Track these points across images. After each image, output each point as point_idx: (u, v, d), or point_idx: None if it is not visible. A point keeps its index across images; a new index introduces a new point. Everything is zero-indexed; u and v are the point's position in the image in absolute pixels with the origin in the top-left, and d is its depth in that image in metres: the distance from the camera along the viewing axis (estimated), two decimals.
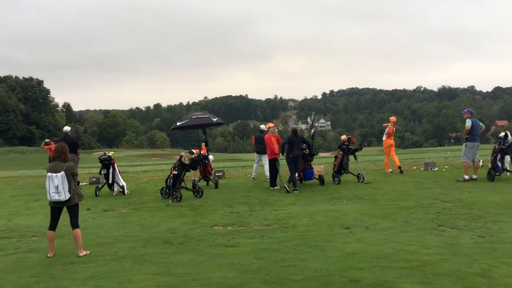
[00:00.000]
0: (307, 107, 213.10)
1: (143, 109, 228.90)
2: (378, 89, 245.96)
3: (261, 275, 5.49)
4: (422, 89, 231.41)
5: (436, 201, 10.22)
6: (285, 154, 12.80)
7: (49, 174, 6.67)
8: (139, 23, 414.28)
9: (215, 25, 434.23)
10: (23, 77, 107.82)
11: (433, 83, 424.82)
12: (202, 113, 14.98)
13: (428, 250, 6.32)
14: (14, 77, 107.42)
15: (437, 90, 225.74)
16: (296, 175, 12.85)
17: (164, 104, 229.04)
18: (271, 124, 13.89)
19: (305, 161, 13.28)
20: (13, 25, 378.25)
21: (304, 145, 13.23)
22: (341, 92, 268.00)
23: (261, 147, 14.58)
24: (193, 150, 12.13)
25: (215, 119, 14.16)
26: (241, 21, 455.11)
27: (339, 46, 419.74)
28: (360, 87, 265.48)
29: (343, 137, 14.30)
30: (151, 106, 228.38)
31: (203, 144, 14.30)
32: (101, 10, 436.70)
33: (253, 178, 15.57)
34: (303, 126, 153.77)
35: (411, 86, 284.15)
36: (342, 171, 13.84)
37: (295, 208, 10.03)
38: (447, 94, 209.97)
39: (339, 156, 13.98)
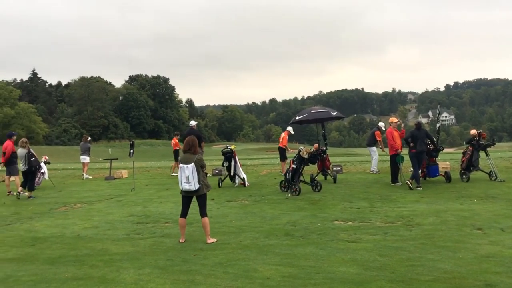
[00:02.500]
0: (428, 100, 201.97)
1: (259, 104, 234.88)
2: (510, 79, 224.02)
3: (386, 273, 5.34)
4: None
5: None
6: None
7: (181, 165, 7.13)
8: (250, 21, 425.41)
9: (326, 18, 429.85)
10: (151, 76, 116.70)
11: None
12: (321, 107, 14.94)
13: None
14: (144, 75, 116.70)
15: None
16: (420, 171, 12.27)
17: (279, 99, 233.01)
18: (394, 119, 13.37)
19: (429, 157, 12.61)
20: (138, 28, 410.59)
21: (428, 140, 12.55)
22: (467, 84, 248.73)
23: (369, 140, 16.05)
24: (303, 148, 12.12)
25: (334, 113, 14.03)
26: (351, 13, 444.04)
27: (459, 34, 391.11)
28: (489, 77, 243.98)
29: (473, 131, 13.27)
30: (267, 101, 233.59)
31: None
32: (214, 9, 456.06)
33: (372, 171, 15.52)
34: (424, 120, 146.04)
35: None
36: (472, 168, 12.87)
37: (419, 205, 9.58)
38: None
39: (468, 152, 13.02)
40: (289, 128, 16.56)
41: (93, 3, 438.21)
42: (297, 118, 14.26)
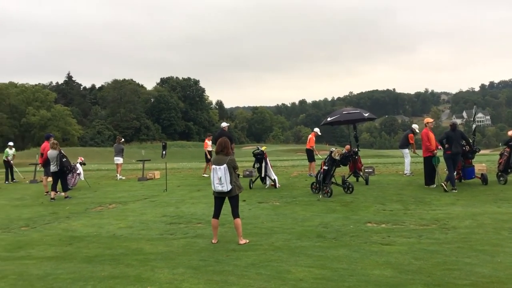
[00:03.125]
0: (462, 100, 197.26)
1: (289, 105, 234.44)
2: None
3: (422, 276, 5.25)
4: None
5: None
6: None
7: (214, 166, 7.18)
8: (276, 22, 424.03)
9: (355, 19, 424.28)
10: (182, 78, 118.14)
11: None
12: (353, 108, 14.76)
13: None
14: (175, 78, 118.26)
15: None
16: (455, 173, 12.00)
17: (309, 100, 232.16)
18: (430, 119, 13.08)
19: (465, 159, 12.32)
20: (168, 30, 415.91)
21: (464, 141, 12.26)
22: (503, 83, 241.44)
23: (402, 142, 15.77)
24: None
25: (366, 114, 13.83)
26: (380, 12, 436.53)
27: (494, 33, 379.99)
28: None
29: (511, 132, 12.89)
30: (296, 102, 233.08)
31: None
32: (242, 11, 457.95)
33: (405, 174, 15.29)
34: (458, 121, 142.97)
35: None
36: (509, 170, 12.50)
37: (454, 208, 9.37)
38: None
39: (505, 153, 12.65)
40: (316, 129, 16.54)
41: (123, 7, 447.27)
42: (329, 119, 14.14)
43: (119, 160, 19.33)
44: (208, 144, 18.56)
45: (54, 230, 8.91)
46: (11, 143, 21.14)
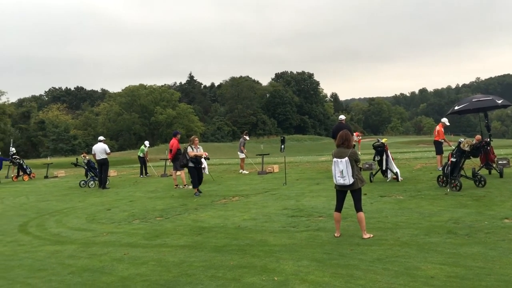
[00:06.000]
0: None
1: (408, 94, 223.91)
2: None
3: None
4: None
5: None
6: None
7: (335, 159, 7.12)
8: (387, 10, 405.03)
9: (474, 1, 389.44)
10: (296, 72, 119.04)
11: None
12: (484, 96, 13.52)
13: None
14: (289, 72, 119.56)
15: None
16: None
17: (430, 89, 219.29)
18: None
19: None
20: (277, 26, 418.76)
21: None
22: None
23: None
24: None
25: (499, 101, 12.60)
26: None
27: None
28: None
29: None
30: (416, 91, 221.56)
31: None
32: (347, 2, 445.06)
33: None
34: None
35: None
36: None
37: None
38: None
39: None
40: (444, 120, 15.49)
41: (233, 8, 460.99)
42: (456, 108, 13.14)
43: (240, 154, 20.04)
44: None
45: (185, 221, 9.56)
46: (147, 142, 23.12)
